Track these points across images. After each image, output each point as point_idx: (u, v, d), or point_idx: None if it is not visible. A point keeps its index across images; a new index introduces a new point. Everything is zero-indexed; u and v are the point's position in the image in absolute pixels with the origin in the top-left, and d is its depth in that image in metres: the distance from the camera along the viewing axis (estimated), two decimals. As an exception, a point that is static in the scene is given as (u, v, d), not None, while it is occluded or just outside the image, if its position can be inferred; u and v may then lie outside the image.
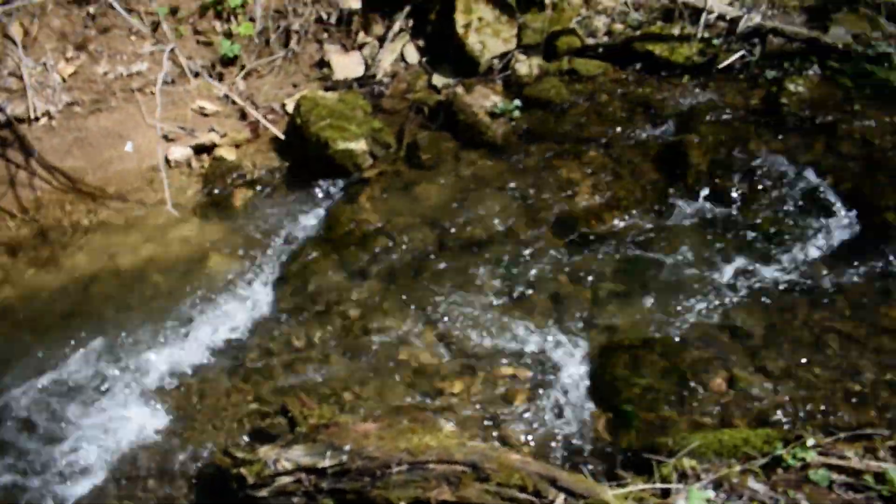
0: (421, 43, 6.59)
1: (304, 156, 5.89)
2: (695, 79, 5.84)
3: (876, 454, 3.07)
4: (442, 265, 4.90)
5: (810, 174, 4.87)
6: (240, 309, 4.99)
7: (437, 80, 6.31)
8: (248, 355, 4.70)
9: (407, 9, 6.57)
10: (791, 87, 5.53)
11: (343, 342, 4.64)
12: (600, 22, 6.50)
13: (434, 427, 3.66)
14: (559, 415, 3.92)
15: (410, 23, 6.62)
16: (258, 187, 5.87)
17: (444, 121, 5.87)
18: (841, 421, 3.51)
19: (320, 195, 5.68)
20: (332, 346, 4.57)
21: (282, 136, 6.04)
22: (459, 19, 6.24)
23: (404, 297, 4.77)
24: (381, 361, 4.41)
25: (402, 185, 5.53)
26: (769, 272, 4.41)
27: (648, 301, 4.35)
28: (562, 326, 4.35)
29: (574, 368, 4.12)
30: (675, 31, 6.10)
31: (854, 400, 3.65)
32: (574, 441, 3.79)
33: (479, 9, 6.25)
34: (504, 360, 4.27)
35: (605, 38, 6.36)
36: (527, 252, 4.81)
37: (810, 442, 3.10)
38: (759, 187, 4.86)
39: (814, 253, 4.46)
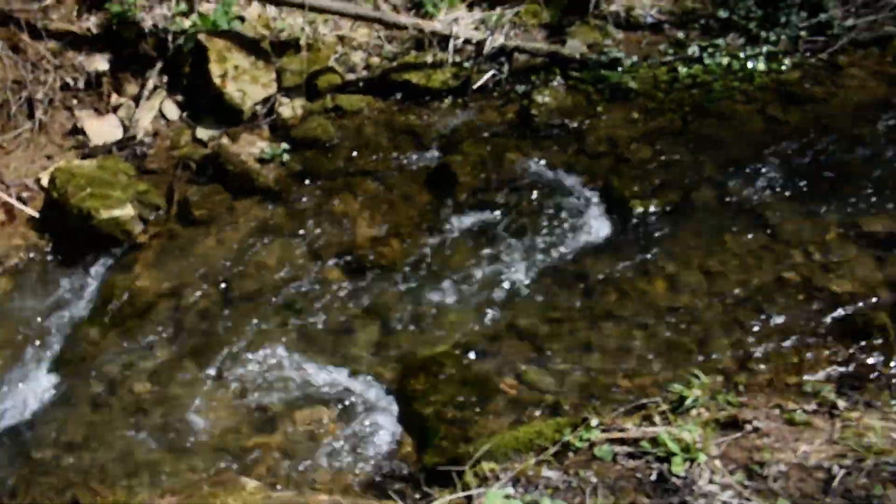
0: (179, 98, 6.41)
1: (67, 231, 5.51)
2: (453, 101, 6.12)
3: (651, 421, 3.31)
4: (230, 320, 4.76)
5: (566, 175, 5.25)
6: (14, 408, 4.57)
7: (202, 133, 6.15)
8: (31, 454, 4.31)
9: (159, 65, 6.37)
10: (539, 98, 5.93)
11: (133, 419, 4.37)
12: (357, 57, 6.65)
13: (237, 487, 3.52)
14: (366, 445, 3.91)
15: (165, 78, 6.42)
16: (20, 274, 5.41)
17: (214, 173, 5.74)
18: (620, 396, 3.77)
19: (91, 270, 5.33)
20: (122, 426, 4.29)
21: (36, 215, 5.62)
22: (214, 70, 6.14)
23: (195, 360, 4.57)
24: (178, 431, 4.19)
25: (179, 245, 5.33)
26: (543, 270, 4.67)
27: (437, 318, 4.46)
28: (358, 358, 4.36)
29: (375, 396, 4.14)
30: (429, 58, 6.36)
31: (631, 374, 3.95)
32: (384, 467, 3.79)
33: (233, 57, 6.18)
34: (306, 403, 4.19)
35: (364, 73, 6.51)
36: (314, 291, 4.78)
37: (594, 422, 3.28)
38: (523, 194, 5.16)
39: (579, 246, 4.79)
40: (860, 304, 4.19)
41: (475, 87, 6.21)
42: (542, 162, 5.38)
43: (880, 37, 6.38)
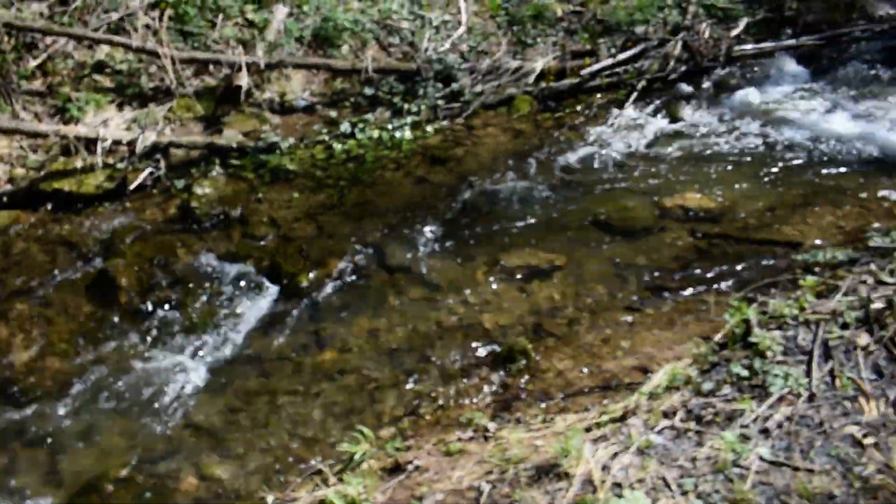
0: None
1: None
2: (111, 204, 5.99)
3: (326, 483, 3.45)
4: None
5: (233, 262, 5.34)
6: None
7: None
8: None
9: None
10: (199, 190, 5.99)
11: None
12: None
13: None
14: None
15: None
16: None
17: None
18: (301, 466, 3.87)
19: None
20: None
21: None
22: None
23: None
24: None
25: None
26: (218, 361, 4.66)
27: (107, 432, 4.25)
28: (23, 493, 4.00)
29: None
30: (78, 164, 6.17)
31: (309, 443, 4.05)
32: None
33: None
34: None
35: (9, 186, 6.17)
36: (-34, 433, 4.35)
37: (270, 499, 3.36)
38: (191, 288, 5.15)
39: (252, 329, 4.86)
40: (507, 333, 4.70)
41: (132, 186, 6.12)
42: (208, 253, 5.43)
43: (504, 98, 7.35)
